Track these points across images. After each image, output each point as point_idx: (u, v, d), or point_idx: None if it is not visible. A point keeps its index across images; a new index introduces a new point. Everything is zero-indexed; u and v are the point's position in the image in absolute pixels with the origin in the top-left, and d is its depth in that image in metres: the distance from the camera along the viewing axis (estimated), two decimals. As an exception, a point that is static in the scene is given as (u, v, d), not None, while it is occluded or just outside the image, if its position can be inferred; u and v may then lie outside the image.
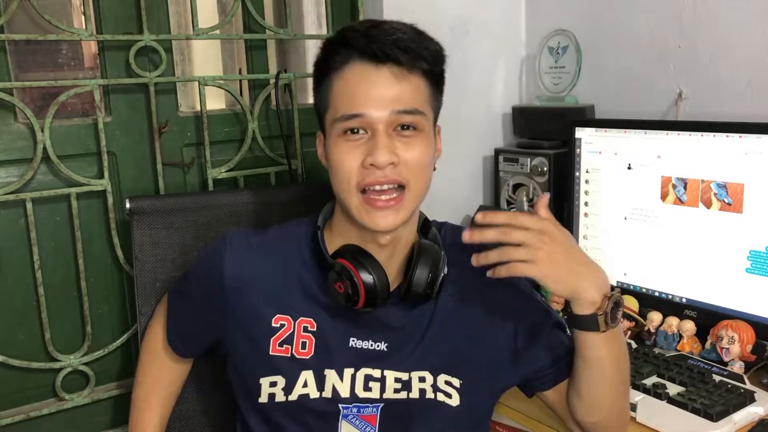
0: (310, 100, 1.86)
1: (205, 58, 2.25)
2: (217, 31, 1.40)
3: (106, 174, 1.29)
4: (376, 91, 0.87)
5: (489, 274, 0.87)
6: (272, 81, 1.46)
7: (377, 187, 0.88)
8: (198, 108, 1.39)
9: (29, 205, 1.23)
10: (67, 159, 1.27)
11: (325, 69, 0.92)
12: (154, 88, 1.32)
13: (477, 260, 0.87)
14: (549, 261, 0.84)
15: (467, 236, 0.87)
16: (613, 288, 0.89)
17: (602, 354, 0.91)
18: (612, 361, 0.92)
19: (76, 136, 1.29)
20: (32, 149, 1.23)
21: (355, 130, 0.89)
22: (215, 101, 1.66)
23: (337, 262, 0.93)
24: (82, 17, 1.32)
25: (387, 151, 0.87)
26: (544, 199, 0.89)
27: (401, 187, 0.89)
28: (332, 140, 0.91)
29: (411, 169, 0.89)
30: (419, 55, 0.88)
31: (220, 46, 2.16)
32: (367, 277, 0.91)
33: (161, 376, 1.11)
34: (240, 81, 1.54)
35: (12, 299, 1.26)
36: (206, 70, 2.08)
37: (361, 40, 0.87)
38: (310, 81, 1.85)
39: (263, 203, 1.27)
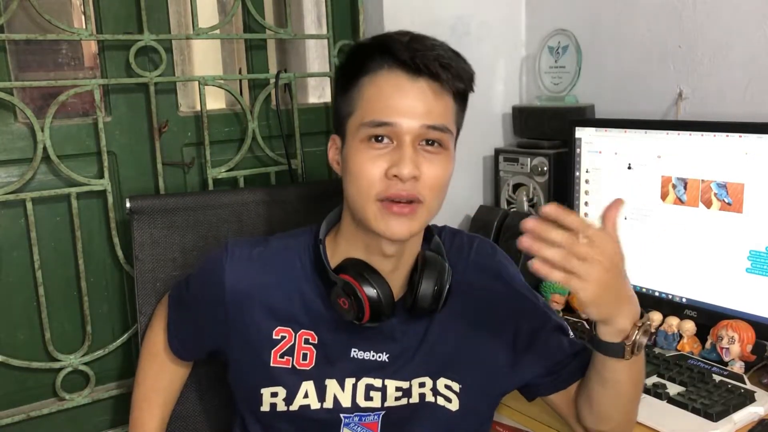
0: (311, 100, 1.88)
1: (205, 58, 2.25)
2: (217, 31, 1.40)
3: (106, 174, 1.29)
4: (410, 102, 0.86)
5: (536, 268, 0.76)
6: (272, 81, 1.46)
7: (395, 199, 0.87)
8: (198, 108, 1.39)
9: (29, 205, 1.23)
10: (67, 159, 1.27)
11: (355, 72, 0.90)
12: (154, 88, 1.32)
13: (536, 264, 0.76)
14: (598, 285, 0.78)
15: (531, 225, 0.76)
16: (642, 315, 0.85)
17: (623, 378, 0.90)
18: (631, 383, 0.91)
19: (76, 136, 1.29)
20: (32, 149, 1.23)
21: (380, 138, 0.87)
22: (215, 101, 1.66)
23: (340, 278, 0.92)
24: (82, 17, 1.32)
25: (412, 164, 0.86)
26: (615, 209, 0.81)
27: (417, 202, 0.88)
28: (354, 144, 0.89)
29: (430, 186, 0.88)
30: (458, 74, 0.88)
31: (220, 46, 2.16)
32: (371, 293, 0.90)
33: (161, 377, 1.11)
34: (240, 81, 1.54)
35: (12, 299, 1.26)
36: (206, 70, 2.08)
37: (404, 51, 0.86)
38: (310, 81, 1.87)
39: (263, 203, 1.27)
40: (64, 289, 1.31)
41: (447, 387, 0.98)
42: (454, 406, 0.97)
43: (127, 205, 1.18)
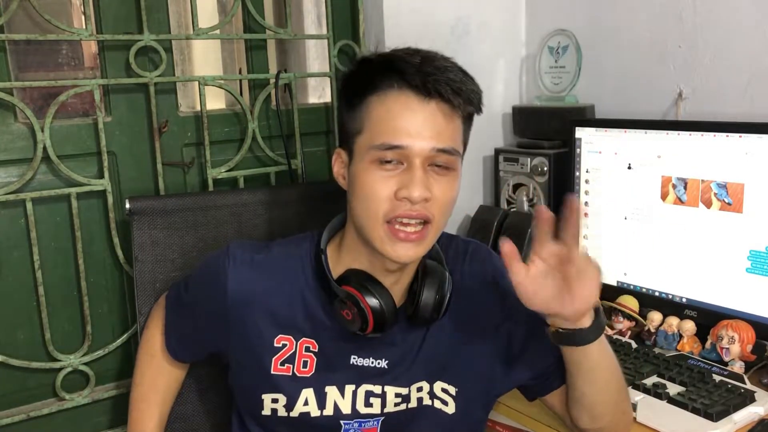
0: (311, 100, 1.88)
1: (205, 58, 2.25)
2: (217, 31, 1.40)
3: (106, 174, 1.29)
4: (420, 124, 0.86)
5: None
6: (272, 81, 1.46)
7: (404, 220, 0.87)
8: (198, 108, 1.39)
9: (29, 205, 1.23)
10: (67, 159, 1.27)
11: (363, 89, 0.89)
12: (154, 88, 1.32)
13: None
14: (593, 288, 0.85)
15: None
16: None
17: (598, 363, 0.91)
18: (606, 368, 0.92)
19: (76, 136, 1.29)
20: (32, 149, 1.23)
21: (389, 160, 0.87)
22: (215, 101, 1.66)
23: (343, 290, 0.92)
24: (82, 17, 1.32)
25: (423, 186, 0.86)
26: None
27: (426, 222, 0.88)
28: (363, 165, 0.88)
29: (439, 206, 0.88)
30: (469, 98, 0.88)
31: (220, 46, 2.16)
32: (375, 305, 0.90)
33: (159, 377, 1.10)
34: (240, 81, 1.54)
35: (12, 299, 1.26)
36: (206, 70, 2.09)
37: (415, 75, 0.85)
38: (310, 81, 1.87)
39: (263, 203, 1.27)
40: (64, 289, 1.31)
41: (443, 390, 0.98)
42: (450, 409, 0.98)
43: (127, 206, 1.18)
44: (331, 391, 0.96)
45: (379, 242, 0.88)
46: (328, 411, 0.96)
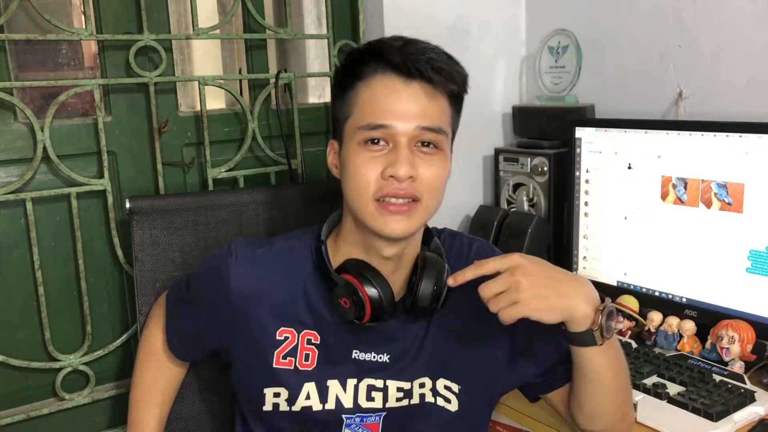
0: (310, 100, 1.88)
1: (205, 57, 2.25)
2: (217, 31, 1.40)
3: (106, 174, 1.29)
4: (404, 104, 0.88)
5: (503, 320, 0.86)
6: (272, 81, 1.46)
7: (393, 199, 0.89)
8: (198, 108, 1.39)
9: (29, 205, 1.23)
10: (67, 159, 1.27)
11: (351, 77, 0.92)
12: (154, 88, 1.32)
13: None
14: (532, 295, 0.84)
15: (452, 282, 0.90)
16: (603, 299, 0.89)
17: (601, 367, 0.91)
18: (611, 373, 0.92)
19: (76, 135, 1.29)
20: (32, 149, 1.23)
21: (376, 141, 0.89)
22: (215, 101, 1.66)
23: (341, 278, 0.93)
24: (82, 17, 1.32)
25: (408, 164, 0.87)
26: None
27: (415, 200, 0.90)
28: (351, 147, 0.90)
29: (426, 186, 0.89)
30: (450, 77, 0.89)
31: (220, 46, 2.16)
32: (372, 293, 0.91)
33: (159, 377, 1.10)
34: (240, 81, 1.54)
35: (12, 299, 1.26)
36: (206, 70, 2.08)
37: (396, 55, 0.88)
38: (310, 81, 1.87)
39: (263, 203, 1.27)
40: (64, 289, 1.31)
41: (446, 388, 0.98)
42: (453, 406, 0.98)
43: (127, 205, 1.18)
44: (333, 385, 0.96)
45: (370, 219, 0.90)
46: (330, 405, 0.96)
